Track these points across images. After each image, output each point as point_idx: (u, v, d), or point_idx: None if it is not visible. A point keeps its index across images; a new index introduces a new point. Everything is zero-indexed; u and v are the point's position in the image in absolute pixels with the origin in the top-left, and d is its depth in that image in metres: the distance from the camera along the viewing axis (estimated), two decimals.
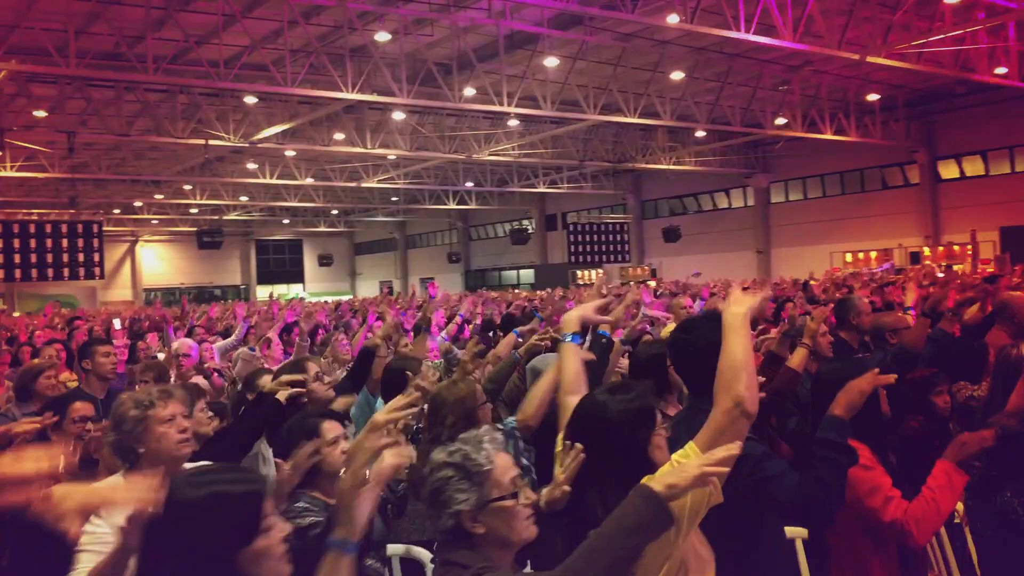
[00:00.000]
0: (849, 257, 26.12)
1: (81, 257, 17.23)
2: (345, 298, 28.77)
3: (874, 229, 26.50)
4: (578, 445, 2.30)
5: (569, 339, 2.91)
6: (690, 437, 2.26)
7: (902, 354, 4.72)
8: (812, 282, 16.12)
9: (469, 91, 17.24)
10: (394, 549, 3.50)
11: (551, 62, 16.08)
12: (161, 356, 6.84)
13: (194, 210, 37.24)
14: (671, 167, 27.19)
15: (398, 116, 19.61)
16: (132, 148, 23.89)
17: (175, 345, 6.19)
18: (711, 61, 19.12)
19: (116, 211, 36.95)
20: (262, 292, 46.75)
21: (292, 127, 19.14)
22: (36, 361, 5.54)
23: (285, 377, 3.54)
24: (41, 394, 4.87)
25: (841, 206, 28.03)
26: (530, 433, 3.67)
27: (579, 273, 34.95)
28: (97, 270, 17.62)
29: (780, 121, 21.53)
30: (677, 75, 18.20)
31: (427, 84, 16.57)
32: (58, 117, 17.36)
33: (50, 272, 16.93)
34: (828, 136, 22.19)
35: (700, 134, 24.73)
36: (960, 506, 3.49)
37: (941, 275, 13.91)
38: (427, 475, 2.15)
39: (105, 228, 38.94)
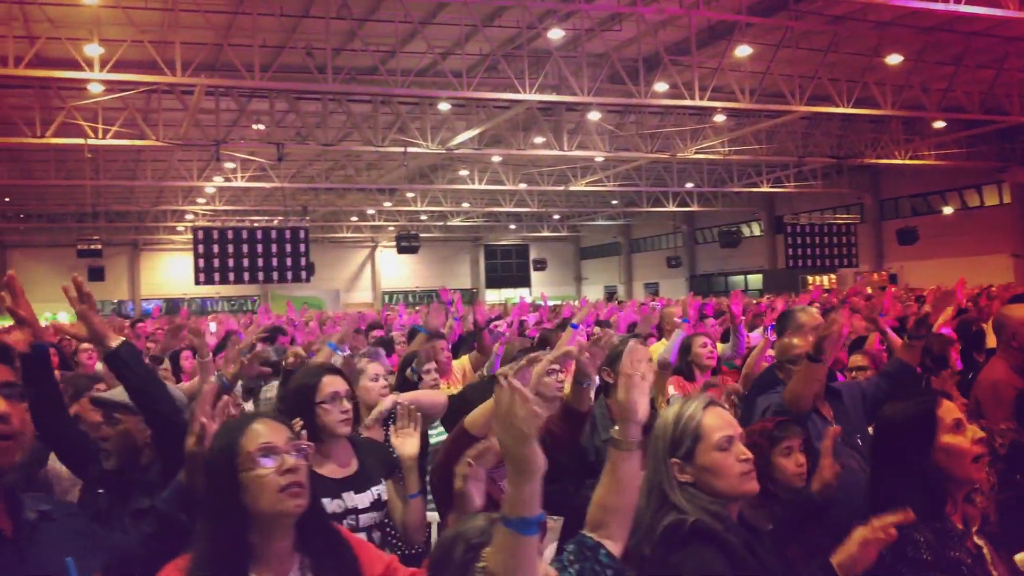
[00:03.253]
0: None
1: (289, 261, 18.59)
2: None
3: None
4: None
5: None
6: None
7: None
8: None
9: (661, 86, 16.51)
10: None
11: (743, 51, 15.01)
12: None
13: (423, 216, 38.86)
14: (907, 162, 24.69)
15: (593, 116, 19.18)
16: (361, 159, 25.23)
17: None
18: (941, 42, 17.05)
19: (354, 218, 39.41)
20: (491, 295, 48.10)
21: (486, 131, 19.25)
22: None
23: None
24: None
25: None
26: None
27: (809, 279, 32.76)
28: (304, 273, 18.92)
29: None
30: (894, 59, 16.38)
31: (615, 81, 16.07)
32: (278, 130, 18.75)
33: (260, 275, 18.46)
34: None
35: (939, 124, 22.16)
36: None
37: None
38: None
39: (345, 235, 42.49)
